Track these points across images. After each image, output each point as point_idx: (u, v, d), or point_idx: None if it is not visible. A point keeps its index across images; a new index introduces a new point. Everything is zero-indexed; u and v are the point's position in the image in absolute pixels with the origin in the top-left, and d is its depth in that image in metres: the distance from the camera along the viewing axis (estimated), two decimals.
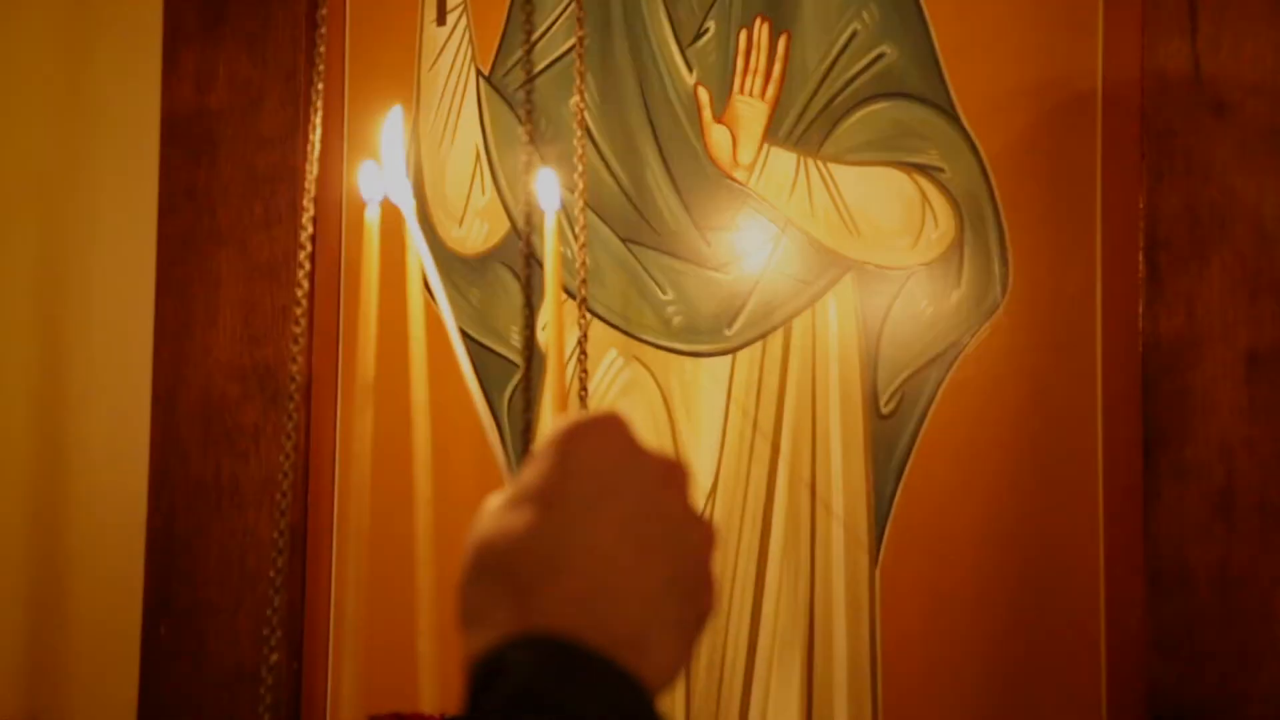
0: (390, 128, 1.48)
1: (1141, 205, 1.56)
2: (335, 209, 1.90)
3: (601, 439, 0.81)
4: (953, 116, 1.67)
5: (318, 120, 1.58)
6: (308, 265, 1.47)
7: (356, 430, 1.44)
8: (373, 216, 1.45)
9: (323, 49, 1.62)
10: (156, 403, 1.93)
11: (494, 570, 0.77)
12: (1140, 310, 1.56)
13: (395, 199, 1.48)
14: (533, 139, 1.69)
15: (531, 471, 0.80)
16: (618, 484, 0.79)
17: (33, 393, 2.00)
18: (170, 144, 1.96)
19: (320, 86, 1.62)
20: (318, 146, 1.57)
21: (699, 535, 0.81)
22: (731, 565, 1.75)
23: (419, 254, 1.46)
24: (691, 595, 0.79)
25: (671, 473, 0.82)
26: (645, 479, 0.80)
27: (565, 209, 1.75)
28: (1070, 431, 1.62)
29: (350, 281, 1.87)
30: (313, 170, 1.60)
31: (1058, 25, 1.62)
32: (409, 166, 1.87)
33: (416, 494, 1.53)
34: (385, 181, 1.51)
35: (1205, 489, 1.53)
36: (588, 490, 0.78)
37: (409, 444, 1.55)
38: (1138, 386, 1.57)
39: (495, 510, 0.80)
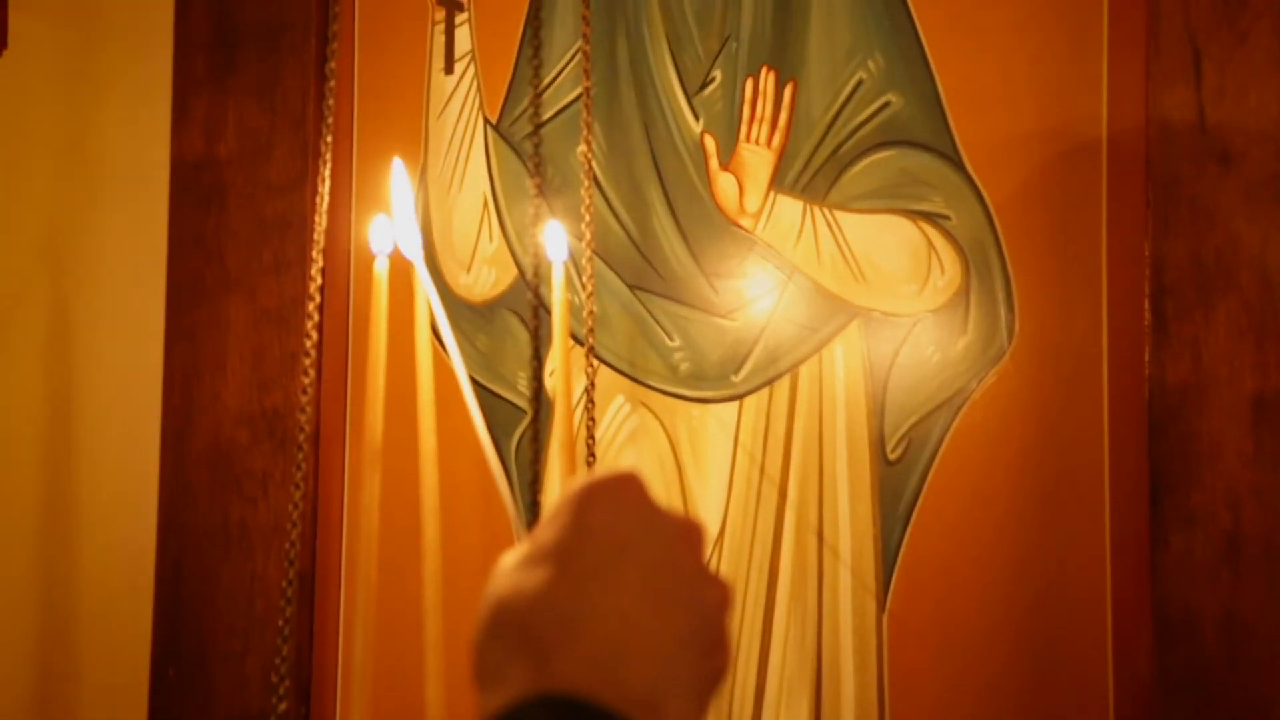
0: (398, 181, 1.49)
1: (1147, 252, 1.57)
2: (343, 255, 1.91)
3: (617, 498, 0.81)
4: (958, 164, 1.68)
5: (326, 172, 1.59)
6: (316, 316, 1.48)
7: (365, 484, 1.45)
8: (381, 269, 1.46)
9: (331, 98, 1.63)
10: (165, 448, 1.93)
11: (510, 629, 0.77)
12: (1146, 356, 1.57)
13: (406, 252, 1.49)
14: (540, 188, 1.70)
15: (547, 530, 0.81)
16: (633, 544, 0.79)
17: (42, 438, 2.00)
18: (180, 191, 1.97)
19: (329, 135, 1.64)
20: (326, 196, 1.58)
21: (714, 594, 0.81)
22: (739, 611, 1.75)
23: (427, 303, 1.47)
24: (706, 654, 0.79)
25: (686, 531, 0.82)
26: (661, 538, 0.80)
27: (573, 256, 1.76)
28: (1077, 477, 1.62)
29: (359, 328, 1.88)
30: (322, 220, 1.61)
31: (1062, 74, 1.63)
32: (417, 214, 1.88)
33: (424, 542, 1.54)
34: (395, 234, 1.52)
35: (1212, 535, 1.53)
36: (604, 550, 0.79)
37: (417, 492, 1.56)
38: (1144, 432, 1.57)
39: (511, 569, 0.80)
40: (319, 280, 1.62)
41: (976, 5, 1.67)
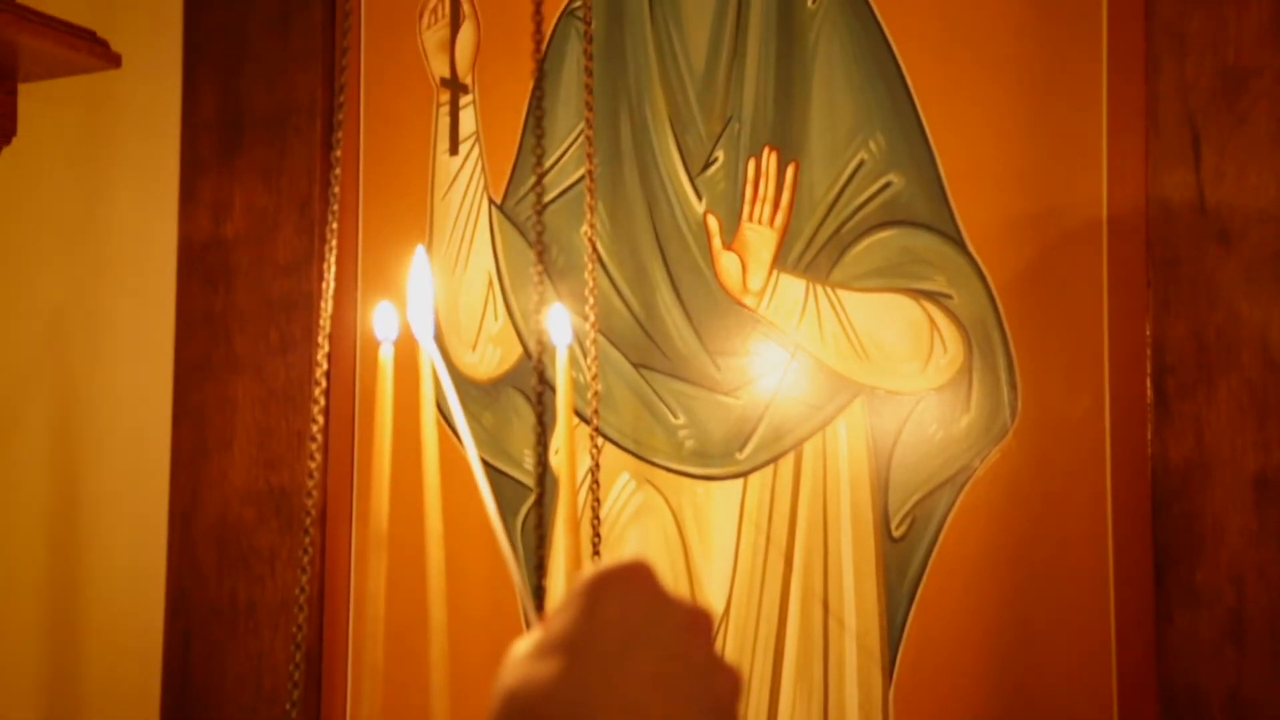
0: (419, 268, 1.50)
1: (1148, 332, 1.58)
2: (350, 335, 1.92)
3: (628, 588, 0.82)
4: (959, 244, 1.69)
5: (332, 257, 1.60)
6: (323, 400, 1.49)
7: (371, 569, 1.45)
8: (386, 356, 1.47)
9: (337, 181, 1.64)
10: (173, 526, 1.94)
11: None
12: (1149, 435, 1.58)
13: (421, 342, 1.50)
14: (544, 269, 1.72)
15: (558, 620, 0.81)
16: (645, 633, 0.80)
17: (50, 516, 2.01)
18: (187, 272, 1.98)
19: (334, 217, 1.65)
20: (333, 279, 1.59)
21: (724, 683, 0.81)
22: (746, 686, 1.75)
23: (434, 384, 1.48)
24: None
25: (696, 621, 0.83)
26: (671, 628, 0.81)
27: (577, 334, 1.77)
28: (1081, 555, 1.62)
29: (365, 407, 1.89)
30: (328, 303, 1.62)
31: (1062, 154, 1.65)
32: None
33: (430, 623, 1.54)
34: (407, 321, 1.53)
35: (1216, 613, 1.53)
36: (615, 640, 0.79)
37: (423, 573, 1.56)
38: (1147, 510, 1.58)
39: (522, 659, 0.81)
40: (324, 366, 1.63)
41: (977, 87, 1.69)
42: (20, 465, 2.00)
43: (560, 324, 1.64)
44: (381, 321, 1.55)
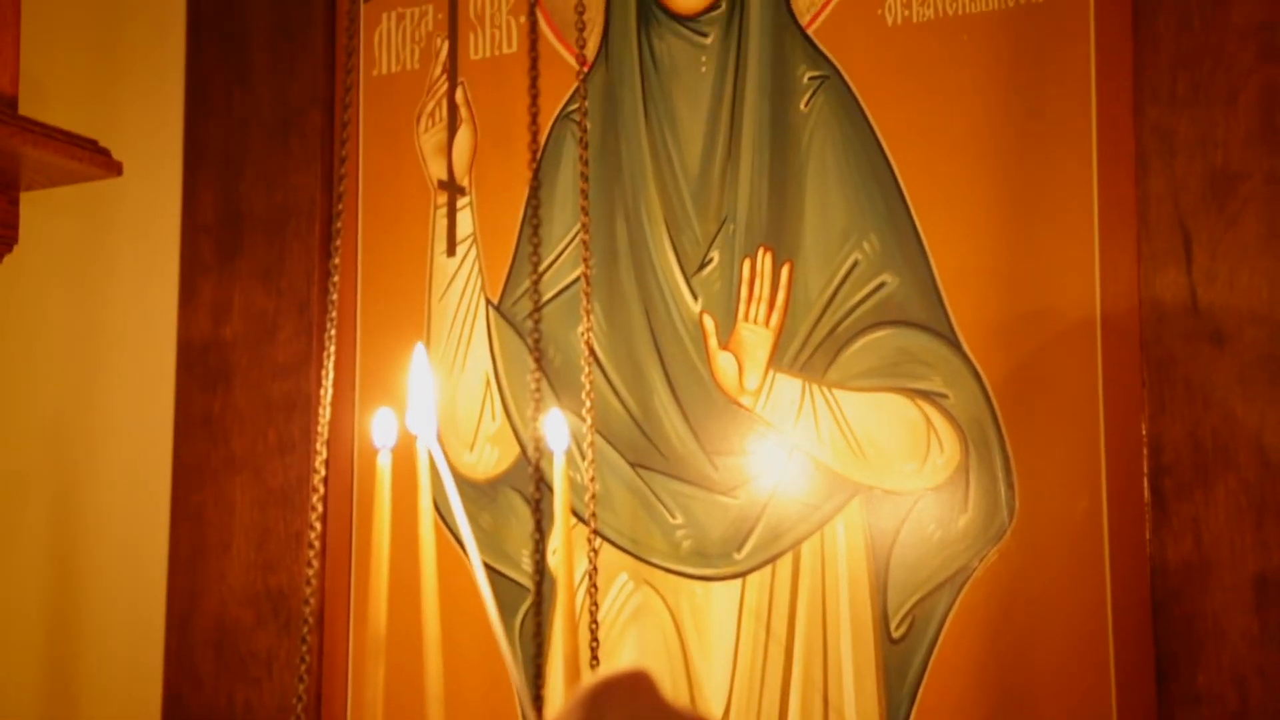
0: (419, 366, 1.50)
1: (1144, 432, 1.58)
2: (348, 436, 1.93)
3: (628, 697, 0.82)
4: (954, 343, 1.70)
5: (330, 360, 1.61)
6: (320, 508, 1.49)
7: (369, 676, 1.44)
8: (384, 464, 1.48)
9: (336, 287, 1.65)
10: (170, 629, 1.94)
11: None
12: (1147, 535, 1.58)
13: (420, 436, 1.50)
14: (541, 370, 1.72)
15: None
16: None
17: (48, 619, 2.00)
18: (186, 373, 1.99)
19: (333, 321, 1.66)
20: (331, 388, 1.59)
21: None
22: None
23: (429, 491, 1.48)
24: None
25: None
26: None
27: (574, 435, 1.77)
28: (1082, 656, 1.62)
29: (363, 508, 1.89)
30: (326, 411, 1.62)
31: (1055, 254, 1.66)
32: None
33: None
34: (411, 418, 1.53)
35: (1219, 715, 1.53)
36: None
37: (421, 675, 1.55)
38: (1148, 611, 1.58)
39: None
40: (323, 472, 1.63)
41: (969, 188, 1.70)
42: (18, 568, 2.00)
43: (557, 429, 1.65)
44: (380, 429, 1.55)
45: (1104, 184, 1.65)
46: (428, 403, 1.46)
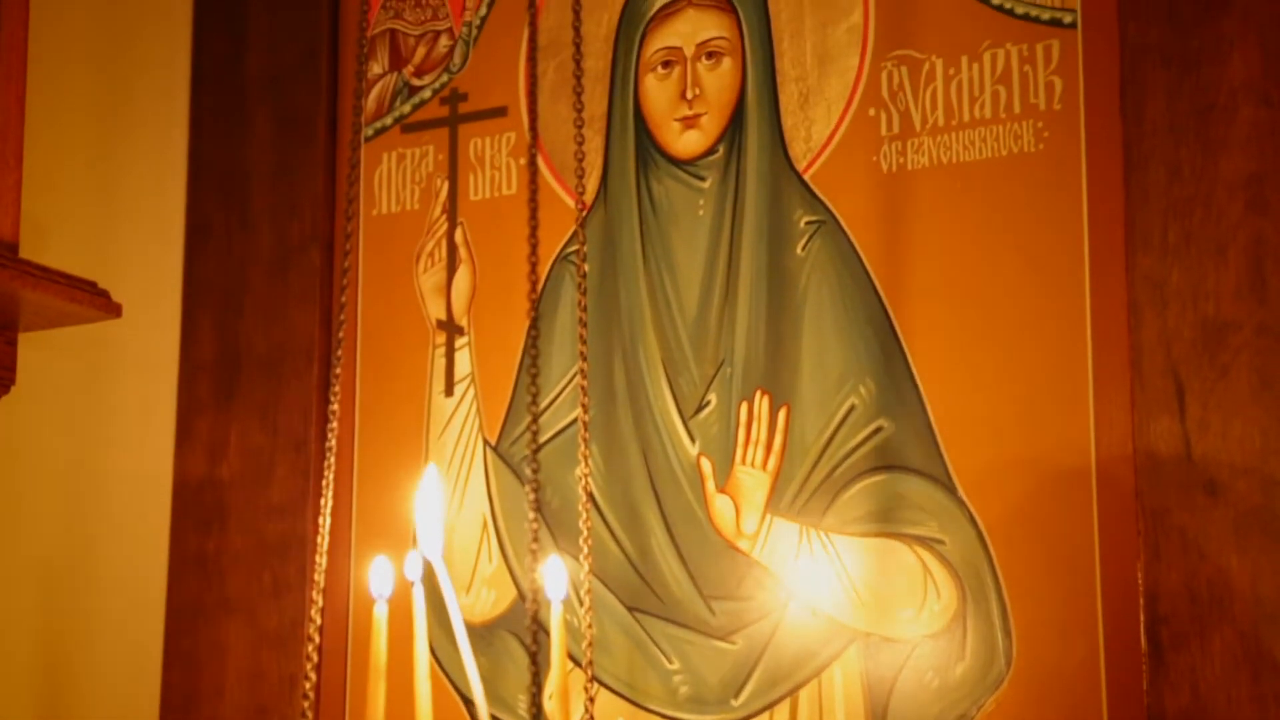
0: (431, 485, 1.51)
1: (1140, 581, 1.58)
2: (344, 578, 1.93)
3: None
4: (951, 489, 1.70)
5: (328, 506, 1.61)
6: (315, 657, 1.48)
7: None
8: (381, 614, 1.47)
9: (334, 432, 1.66)
10: None
11: None
12: (1144, 686, 1.57)
13: (428, 557, 1.50)
14: (538, 513, 1.72)
15: None
16: None
17: None
18: (181, 513, 1.99)
19: (330, 463, 1.66)
20: (328, 535, 1.59)
21: None
22: None
23: (427, 632, 1.48)
24: None
25: None
26: None
27: (571, 580, 1.77)
28: None
29: (358, 651, 1.88)
30: (323, 559, 1.61)
31: (1049, 403, 1.67)
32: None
33: None
34: (420, 542, 1.53)
35: None
36: None
37: None
38: None
39: None
40: (318, 620, 1.63)
41: (964, 335, 1.72)
42: (6, 715, 1.98)
43: (556, 577, 1.64)
44: (377, 578, 1.55)
45: (1097, 331, 1.66)
46: (436, 525, 1.46)
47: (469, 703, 1.87)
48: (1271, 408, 1.55)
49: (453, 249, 1.98)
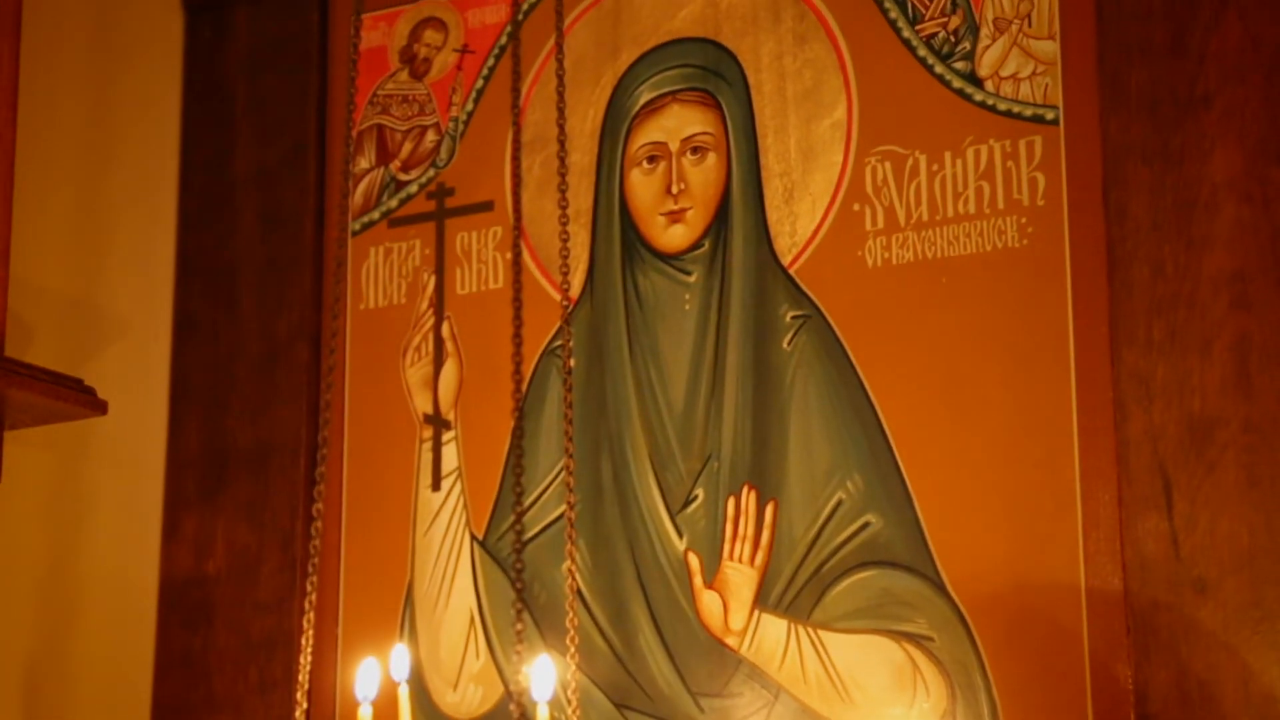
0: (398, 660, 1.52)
1: (1130, 680, 1.57)
2: (330, 674, 1.91)
3: None
4: (939, 585, 1.69)
5: (311, 608, 1.61)
6: None
7: None
8: (366, 715, 1.47)
9: (319, 532, 1.65)
10: None
11: None
12: None
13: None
14: (524, 605, 1.71)
15: None
16: None
17: None
18: (167, 610, 1.98)
19: (316, 568, 1.65)
20: (312, 639, 1.59)
21: None
22: None
23: None
24: None
25: None
26: None
27: (559, 676, 1.75)
28: None
29: None
30: (308, 659, 1.61)
31: (1037, 498, 1.66)
32: (403, 634, 1.90)
33: None
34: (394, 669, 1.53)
35: None
36: None
37: None
38: None
39: None
40: (305, 706, 1.62)
41: (951, 431, 1.71)
42: None
43: (543, 677, 1.63)
44: (362, 681, 1.55)
45: (1083, 427, 1.66)
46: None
47: None
48: (1259, 505, 1.55)
49: (439, 343, 1.98)
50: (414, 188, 2.03)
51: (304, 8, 2.10)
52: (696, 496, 1.83)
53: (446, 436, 1.95)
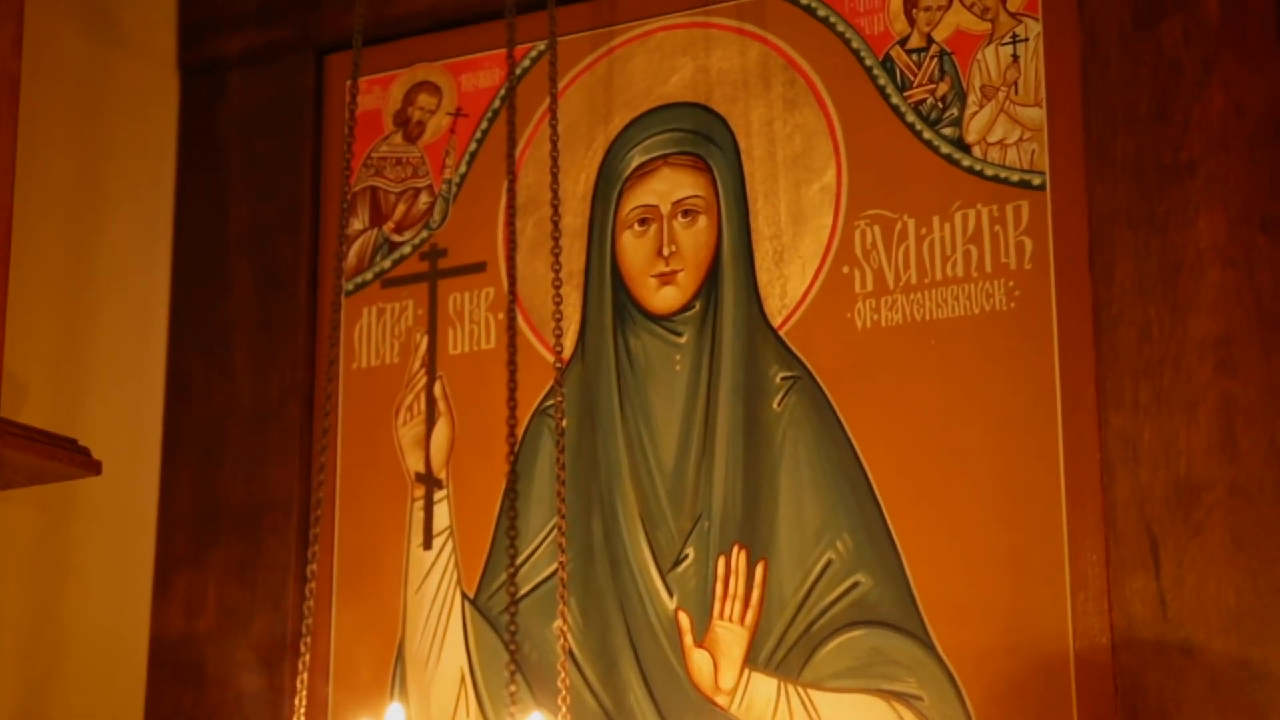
0: None
1: None
2: None
3: None
4: (928, 645, 1.70)
5: (304, 678, 1.61)
6: None
7: None
8: None
9: (311, 590, 1.66)
10: None
11: None
12: None
13: None
14: (516, 668, 1.72)
15: None
16: None
17: None
18: (158, 669, 1.98)
19: (309, 624, 1.66)
20: (305, 701, 1.59)
21: None
22: None
23: None
24: None
25: None
26: None
27: None
28: None
29: None
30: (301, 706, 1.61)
31: (1025, 559, 1.68)
32: (395, 692, 1.90)
33: None
34: None
35: None
36: None
37: None
38: None
39: None
40: None
41: (940, 491, 1.73)
42: None
43: None
44: None
45: (1071, 488, 1.68)
46: None
47: None
48: (1245, 566, 1.57)
49: (432, 402, 2.00)
50: (407, 249, 2.05)
51: (299, 71, 2.12)
52: (687, 556, 1.84)
53: (438, 495, 1.96)
